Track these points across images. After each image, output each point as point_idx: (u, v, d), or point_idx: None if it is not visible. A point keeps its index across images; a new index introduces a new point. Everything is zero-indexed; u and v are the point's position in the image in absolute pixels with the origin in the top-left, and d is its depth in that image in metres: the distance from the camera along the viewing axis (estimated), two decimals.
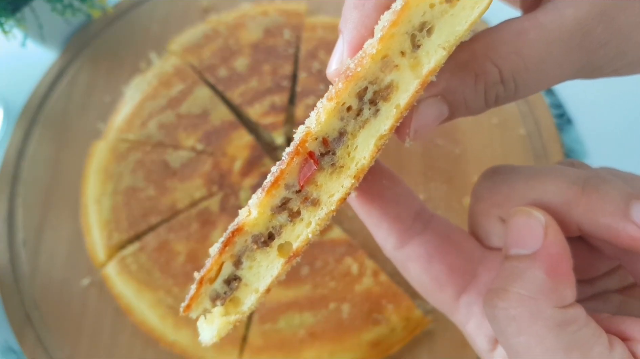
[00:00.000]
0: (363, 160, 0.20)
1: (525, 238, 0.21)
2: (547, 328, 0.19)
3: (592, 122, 0.57)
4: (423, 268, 0.25)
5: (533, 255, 0.20)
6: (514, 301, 0.20)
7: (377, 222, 0.25)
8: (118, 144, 0.53)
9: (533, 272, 0.20)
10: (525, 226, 0.21)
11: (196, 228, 0.49)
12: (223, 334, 0.21)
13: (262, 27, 0.59)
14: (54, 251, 0.51)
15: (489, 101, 0.23)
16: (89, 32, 0.62)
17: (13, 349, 0.48)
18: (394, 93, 0.20)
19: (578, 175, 0.22)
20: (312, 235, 0.21)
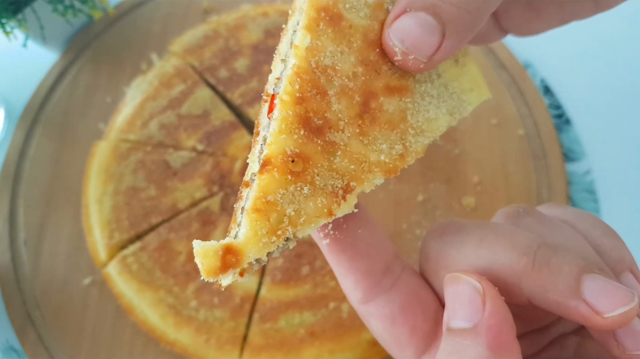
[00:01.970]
0: (292, 60, 0.21)
1: (464, 309, 0.20)
2: None
3: (591, 122, 0.57)
4: (385, 327, 0.24)
5: (474, 328, 0.19)
6: None
7: (345, 274, 0.24)
8: (119, 144, 0.54)
9: (476, 349, 0.19)
10: (463, 295, 0.20)
11: (197, 228, 0.49)
12: (210, 262, 0.21)
13: (262, 28, 0.59)
14: (55, 251, 0.52)
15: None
16: (90, 33, 0.62)
17: (14, 349, 0.49)
18: (302, 14, 0.23)
19: (529, 243, 0.21)
20: (276, 137, 0.20)
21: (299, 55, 0.21)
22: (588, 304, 0.19)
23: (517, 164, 0.54)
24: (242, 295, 0.47)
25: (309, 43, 0.21)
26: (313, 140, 0.20)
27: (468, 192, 0.53)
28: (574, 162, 0.55)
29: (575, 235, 0.23)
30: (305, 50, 0.21)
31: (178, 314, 0.46)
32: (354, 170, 0.21)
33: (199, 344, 0.45)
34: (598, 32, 0.60)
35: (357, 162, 0.21)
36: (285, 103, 0.20)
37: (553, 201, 0.52)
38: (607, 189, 0.54)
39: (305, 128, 0.20)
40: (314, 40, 0.21)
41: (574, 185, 0.54)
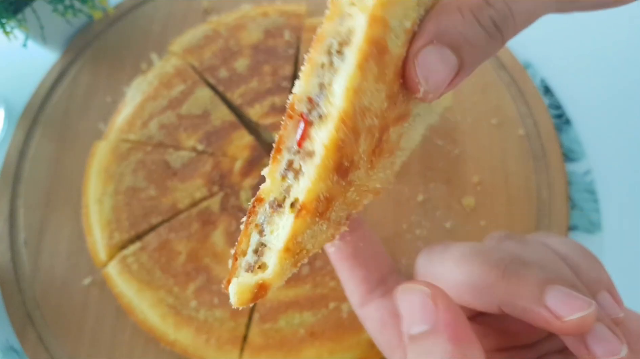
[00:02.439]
0: (339, 101, 0.21)
1: (421, 313, 0.22)
2: None
3: (591, 122, 0.57)
4: (377, 330, 0.27)
5: (433, 328, 0.21)
6: None
7: (346, 279, 0.28)
8: (119, 144, 0.54)
9: (440, 346, 0.21)
10: (416, 302, 0.22)
11: (197, 228, 0.49)
12: (244, 296, 0.22)
13: (262, 28, 0.59)
14: (55, 251, 0.52)
15: (488, 27, 0.22)
16: (90, 33, 0.62)
17: (14, 349, 0.49)
18: (352, 36, 0.21)
19: (502, 258, 0.24)
20: (314, 185, 0.21)
21: (347, 99, 0.20)
22: (549, 310, 0.22)
23: (517, 164, 0.54)
24: None
25: (358, 85, 0.20)
26: (340, 182, 0.21)
27: (468, 192, 0.53)
28: (574, 162, 0.55)
29: (553, 255, 0.26)
30: (353, 93, 0.20)
31: (178, 315, 0.46)
32: (357, 199, 0.23)
33: (199, 344, 0.45)
34: (599, 33, 0.60)
35: (361, 193, 0.23)
36: (328, 152, 0.20)
37: (553, 201, 0.52)
38: (607, 189, 0.54)
39: (338, 173, 0.21)
40: (362, 80, 0.21)
41: (574, 185, 0.54)
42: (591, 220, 0.52)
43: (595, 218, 0.52)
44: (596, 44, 0.61)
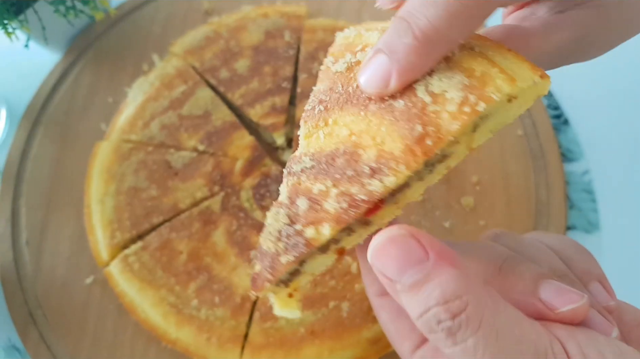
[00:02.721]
0: (413, 198, 0.25)
1: (412, 255, 0.21)
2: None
3: (589, 123, 0.57)
4: (391, 319, 0.28)
5: (433, 263, 0.20)
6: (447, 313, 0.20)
7: (369, 270, 0.28)
8: (121, 145, 0.54)
9: (446, 276, 0.20)
10: (400, 248, 0.21)
11: (198, 227, 0.50)
12: (285, 307, 0.28)
13: (263, 29, 0.60)
14: (57, 251, 0.52)
15: None
16: (92, 34, 0.63)
17: (16, 348, 0.49)
18: (448, 159, 0.25)
19: (499, 255, 0.26)
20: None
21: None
22: (543, 303, 0.23)
23: (516, 164, 0.54)
24: (243, 294, 0.47)
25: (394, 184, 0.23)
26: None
27: (467, 192, 0.53)
28: (572, 162, 0.56)
29: (547, 251, 0.28)
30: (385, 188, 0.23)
31: (179, 313, 0.46)
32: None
33: (200, 343, 0.46)
34: None
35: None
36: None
37: (552, 201, 0.53)
38: (605, 189, 0.54)
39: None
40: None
41: (572, 185, 0.54)
42: (589, 219, 0.53)
43: (593, 218, 0.53)
44: None
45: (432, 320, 0.20)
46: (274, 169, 0.53)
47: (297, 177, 0.25)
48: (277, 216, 0.25)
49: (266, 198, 0.51)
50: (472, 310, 0.20)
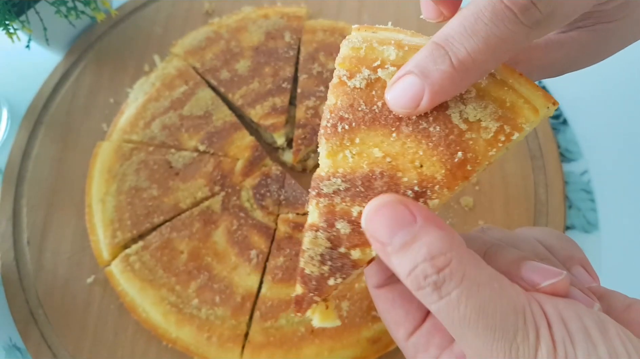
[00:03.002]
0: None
1: (402, 218, 0.23)
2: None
3: (588, 123, 0.58)
4: (386, 309, 0.30)
5: (421, 225, 0.22)
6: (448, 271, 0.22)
7: (371, 264, 0.29)
8: (122, 145, 0.54)
9: (432, 236, 0.22)
10: (391, 213, 0.23)
11: (198, 227, 0.50)
12: (326, 319, 0.28)
13: (263, 29, 0.60)
14: (58, 250, 0.52)
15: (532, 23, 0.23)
16: (93, 35, 0.63)
17: (17, 347, 0.49)
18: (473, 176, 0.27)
19: (484, 243, 0.28)
20: None
21: None
22: (525, 281, 0.24)
23: (514, 164, 0.54)
24: (243, 293, 0.47)
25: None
26: None
27: (466, 192, 0.53)
28: (571, 162, 0.56)
29: (531, 239, 0.30)
30: None
31: (180, 313, 0.47)
32: None
33: (200, 342, 0.46)
34: None
35: None
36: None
37: (551, 200, 0.53)
38: (604, 189, 0.54)
39: None
40: None
41: (571, 185, 0.55)
42: (588, 219, 0.53)
43: (592, 218, 0.53)
44: None
45: (419, 276, 0.22)
46: (274, 169, 0.53)
47: (329, 199, 0.25)
48: (317, 241, 0.25)
49: (266, 198, 0.52)
50: (455, 265, 0.22)
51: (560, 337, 0.21)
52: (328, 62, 0.57)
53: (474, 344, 0.21)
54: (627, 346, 0.21)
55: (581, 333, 0.21)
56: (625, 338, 0.21)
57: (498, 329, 0.21)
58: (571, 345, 0.21)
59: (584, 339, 0.21)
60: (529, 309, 0.22)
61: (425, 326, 0.29)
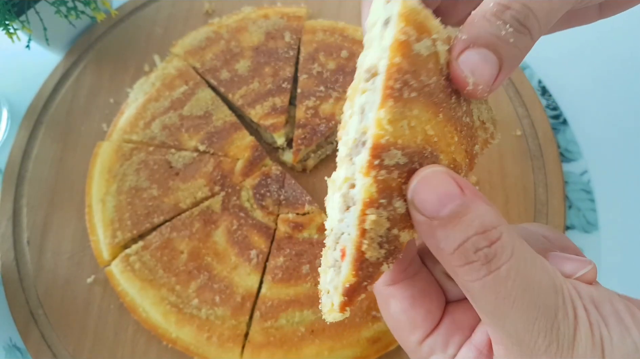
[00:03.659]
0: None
1: (450, 191, 0.22)
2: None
3: (588, 123, 0.58)
4: (403, 307, 0.27)
5: (470, 198, 0.22)
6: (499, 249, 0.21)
7: None
8: (122, 145, 0.54)
9: (480, 209, 0.22)
10: (439, 184, 0.22)
11: (198, 227, 0.50)
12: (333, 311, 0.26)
13: (263, 30, 0.60)
14: (58, 250, 0.52)
15: (513, 24, 0.24)
16: (93, 35, 0.63)
17: (17, 347, 0.49)
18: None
19: None
20: None
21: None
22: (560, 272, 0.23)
23: (514, 164, 0.54)
24: (243, 293, 0.47)
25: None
26: None
27: None
28: (571, 162, 0.56)
29: (527, 230, 0.29)
30: None
31: (180, 313, 0.47)
32: None
33: (200, 342, 0.46)
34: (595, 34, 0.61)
35: None
36: None
37: (550, 200, 0.53)
38: (603, 189, 0.54)
39: None
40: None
41: (570, 185, 0.55)
42: (588, 219, 0.53)
43: (592, 218, 0.53)
44: (593, 46, 0.62)
45: (470, 249, 0.21)
46: (274, 169, 0.53)
47: (388, 173, 0.22)
48: (380, 220, 0.22)
49: (266, 198, 0.52)
50: (506, 239, 0.21)
51: (595, 319, 0.21)
52: (328, 62, 0.57)
53: (514, 324, 0.21)
54: None
55: (614, 317, 0.21)
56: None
57: (542, 306, 0.20)
58: (606, 328, 0.21)
59: (616, 322, 0.21)
60: (567, 289, 0.21)
61: (443, 325, 0.27)
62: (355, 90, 0.25)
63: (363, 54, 0.26)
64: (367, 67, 0.24)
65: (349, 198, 0.24)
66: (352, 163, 0.24)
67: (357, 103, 0.24)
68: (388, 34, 0.23)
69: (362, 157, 0.23)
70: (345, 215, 0.23)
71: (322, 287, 0.26)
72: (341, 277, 0.24)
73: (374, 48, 0.25)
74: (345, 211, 0.24)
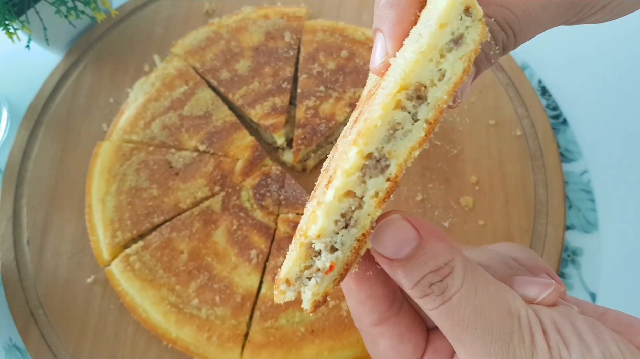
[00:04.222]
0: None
1: (405, 234, 0.24)
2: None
3: (588, 123, 0.58)
4: (392, 344, 0.28)
5: (425, 238, 0.24)
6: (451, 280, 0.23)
7: (365, 299, 0.28)
8: (122, 145, 0.54)
9: (436, 247, 0.24)
10: (395, 230, 0.24)
11: (198, 227, 0.50)
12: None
13: (263, 30, 0.60)
14: (58, 250, 0.52)
15: (500, 46, 0.27)
16: (93, 35, 0.63)
17: (17, 347, 0.49)
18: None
19: None
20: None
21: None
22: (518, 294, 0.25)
23: (514, 164, 0.54)
24: (243, 293, 0.47)
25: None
26: None
27: (466, 192, 0.53)
28: (571, 162, 0.56)
29: (496, 253, 0.31)
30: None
31: (180, 313, 0.47)
32: None
33: (200, 342, 0.46)
34: (595, 34, 0.61)
35: None
36: None
37: (550, 200, 0.53)
38: (603, 189, 0.54)
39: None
40: None
41: (570, 185, 0.55)
42: (588, 219, 0.53)
43: (591, 218, 0.53)
44: (593, 46, 0.62)
45: (425, 284, 0.24)
46: (274, 169, 0.53)
47: None
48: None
49: (266, 198, 0.52)
50: (458, 272, 0.23)
51: (555, 342, 0.22)
52: (328, 62, 0.57)
53: (472, 347, 0.22)
54: (622, 348, 0.22)
55: (575, 338, 0.22)
56: (619, 340, 0.22)
57: (495, 330, 0.22)
58: (566, 350, 0.22)
59: (578, 343, 0.22)
60: (525, 314, 0.23)
61: (427, 355, 0.28)
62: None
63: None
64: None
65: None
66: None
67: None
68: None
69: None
70: (343, 232, 0.24)
71: (286, 276, 0.25)
72: (322, 287, 0.25)
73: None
74: (342, 229, 0.24)
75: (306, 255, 0.24)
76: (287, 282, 0.24)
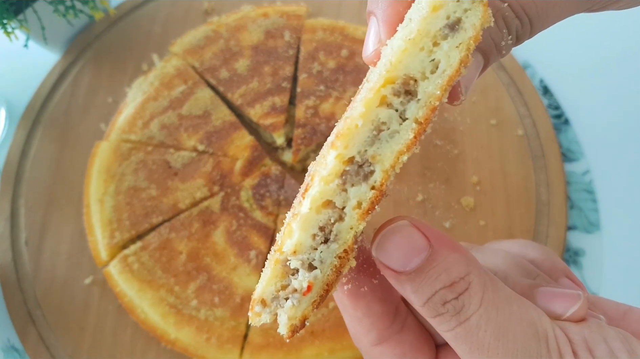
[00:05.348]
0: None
1: (414, 244, 0.21)
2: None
3: (590, 123, 0.57)
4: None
5: (435, 248, 0.21)
6: (465, 296, 0.21)
7: (362, 317, 0.26)
8: (120, 144, 0.54)
9: (449, 259, 0.21)
10: (403, 239, 0.21)
11: (197, 227, 0.50)
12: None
13: (263, 28, 0.60)
14: (57, 251, 0.52)
15: (514, 36, 0.23)
16: (91, 34, 0.62)
17: (15, 348, 0.49)
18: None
19: None
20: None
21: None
22: (542, 310, 0.22)
23: (516, 164, 0.54)
24: (243, 294, 0.47)
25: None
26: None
27: (467, 192, 0.53)
28: (573, 162, 0.55)
29: (510, 256, 0.28)
30: None
31: (179, 314, 0.46)
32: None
33: (199, 343, 0.46)
34: (597, 34, 0.60)
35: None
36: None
37: (552, 200, 0.52)
38: (605, 189, 0.54)
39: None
40: None
41: (572, 184, 0.54)
42: (590, 219, 0.53)
43: (594, 218, 0.53)
44: (595, 45, 0.61)
45: (438, 302, 0.21)
46: (273, 169, 0.53)
47: None
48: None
49: (266, 198, 0.51)
50: (475, 288, 0.20)
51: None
52: (328, 61, 0.57)
53: None
54: None
55: (609, 358, 0.20)
56: None
57: (520, 355, 0.19)
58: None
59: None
60: (552, 334, 0.20)
61: None
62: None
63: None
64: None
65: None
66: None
67: None
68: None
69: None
70: (322, 247, 0.22)
71: (260, 297, 0.22)
72: (299, 310, 0.22)
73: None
74: (321, 244, 0.22)
75: (282, 273, 0.21)
76: (263, 303, 0.21)
